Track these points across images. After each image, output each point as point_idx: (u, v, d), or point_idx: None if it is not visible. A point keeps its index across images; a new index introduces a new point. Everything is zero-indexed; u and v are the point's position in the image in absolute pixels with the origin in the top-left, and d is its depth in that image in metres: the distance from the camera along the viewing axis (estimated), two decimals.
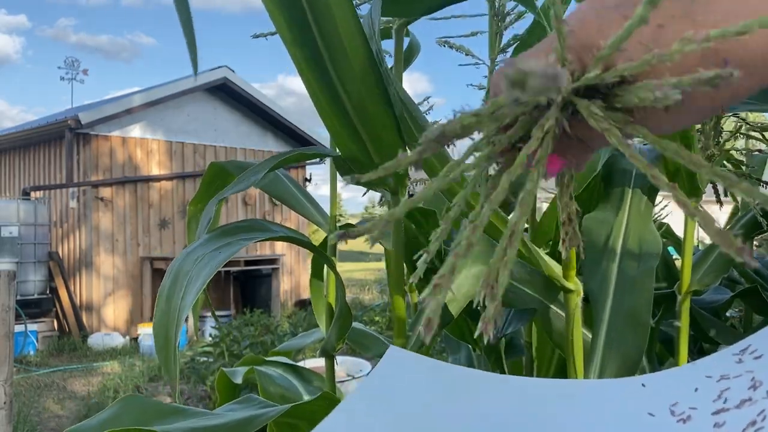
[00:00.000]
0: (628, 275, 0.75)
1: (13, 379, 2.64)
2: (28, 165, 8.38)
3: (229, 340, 4.87)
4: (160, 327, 0.59)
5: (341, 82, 0.60)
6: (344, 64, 0.59)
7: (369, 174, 0.28)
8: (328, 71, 0.60)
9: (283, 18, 0.58)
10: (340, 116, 0.62)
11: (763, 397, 0.31)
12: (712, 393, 0.34)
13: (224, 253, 0.62)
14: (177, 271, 0.61)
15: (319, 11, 0.57)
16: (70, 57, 14.32)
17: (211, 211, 0.66)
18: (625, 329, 0.70)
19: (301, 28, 0.58)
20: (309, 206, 0.91)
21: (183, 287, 0.58)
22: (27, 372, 5.75)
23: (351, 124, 0.62)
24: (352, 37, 0.58)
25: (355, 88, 0.60)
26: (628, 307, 0.72)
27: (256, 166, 0.68)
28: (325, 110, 0.63)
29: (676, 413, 0.33)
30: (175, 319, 0.57)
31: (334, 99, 0.61)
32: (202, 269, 0.59)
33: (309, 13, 0.57)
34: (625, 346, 0.69)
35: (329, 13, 0.57)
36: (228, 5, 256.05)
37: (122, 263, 7.60)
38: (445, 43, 0.84)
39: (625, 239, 0.79)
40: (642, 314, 0.71)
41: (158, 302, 0.61)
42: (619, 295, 0.73)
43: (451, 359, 1.40)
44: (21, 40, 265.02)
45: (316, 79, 0.60)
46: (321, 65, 0.60)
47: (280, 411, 0.68)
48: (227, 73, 8.27)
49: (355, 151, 0.65)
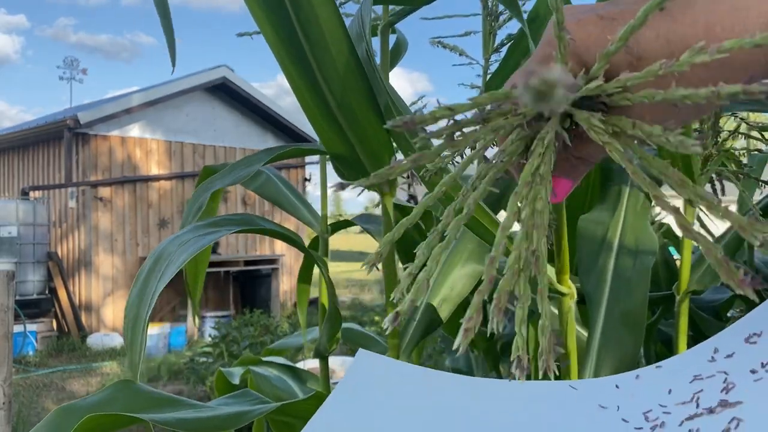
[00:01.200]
0: (624, 275, 0.74)
1: (12, 380, 2.63)
2: (27, 165, 8.38)
3: (228, 340, 4.87)
4: (131, 307, 0.58)
5: (325, 80, 0.60)
6: (328, 62, 0.59)
7: (361, 181, 0.27)
8: (312, 70, 0.59)
9: (265, 16, 0.57)
10: (325, 115, 0.62)
11: (736, 401, 0.31)
12: (685, 395, 0.33)
13: (207, 238, 0.62)
14: (159, 254, 0.61)
15: (301, 9, 0.57)
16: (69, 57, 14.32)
17: (200, 201, 0.65)
18: (621, 329, 0.70)
19: (285, 26, 0.58)
20: (301, 207, 0.91)
21: (162, 269, 0.58)
22: (26, 372, 5.74)
23: (336, 123, 0.62)
24: (336, 34, 0.57)
25: (339, 86, 0.60)
26: (623, 306, 0.71)
27: (251, 156, 0.67)
28: (311, 109, 0.62)
29: (650, 419, 0.33)
30: (148, 300, 0.57)
31: (319, 98, 0.61)
32: (183, 252, 0.58)
33: (291, 12, 0.57)
34: (621, 345, 0.69)
35: (312, 11, 0.57)
36: (228, 5, 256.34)
37: (121, 263, 7.59)
38: (439, 43, 0.83)
39: (622, 239, 0.78)
40: (637, 314, 0.70)
41: (135, 282, 0.60)
42: (615, 294, 0.73)
43: (450, 360, 1.39)
44: (20, 39, 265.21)
45: (301, 78, 0.60)
46: (305, 64, 0.59)
47: (272, 408, 0.68)
48: (226, 73, 8.27)
49: (341, 150, 0.64)
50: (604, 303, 0.72)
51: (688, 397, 0.33)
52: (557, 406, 0.37)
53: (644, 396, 0.35)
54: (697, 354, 0.37)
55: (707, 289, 1.19)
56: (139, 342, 0.56)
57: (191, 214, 0.68)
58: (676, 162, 0.79)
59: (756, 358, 0.33)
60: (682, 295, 0.83)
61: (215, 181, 0.67)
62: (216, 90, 8.45)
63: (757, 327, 0.35)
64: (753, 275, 0.22)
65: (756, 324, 0.36)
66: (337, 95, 0.61)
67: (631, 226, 0.79)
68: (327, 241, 0.88)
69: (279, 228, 0.75)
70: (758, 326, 0.36)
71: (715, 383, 0.33)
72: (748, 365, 0.33)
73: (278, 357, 1.32)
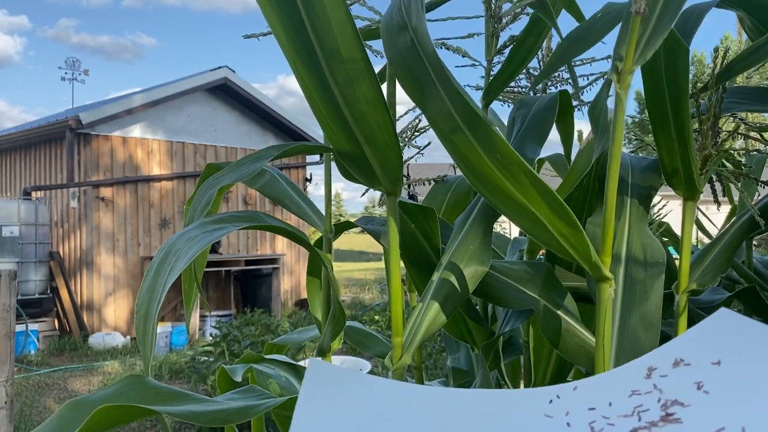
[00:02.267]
0: (636, 279, 0.75)
1: (14, 379, 2.65)
2: (28, 165, 8.39)
3: (229, 339, 4.88)
4: (142, 303, 0.59)
5: (334, 78, 0.60)
6: (337, 60, 0.59)
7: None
8: (321, 68, 0.60)
9: (277, 18, 0.58)
10: (333, 114, 0.62)
11: (675, 419, 0.33)
12: (626, 408, 0.35)
13: (216, 233, 0.62)
14: (168, 250, 0.62)
15: (313, 8, 0.57)
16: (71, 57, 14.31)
17: (206, 198, 0.66)
18: (638, 331, 0.71)
19: (296, 28, 0.59)
20: (304, 206, 0.91)
21: (171, 264, 0.59)
22: (28, 372, 5.75)
23: (345, 121, 0.63)
24: (346, 34, 0.58)
25: (348, 84, 0.60)
26: (639, 310, 0.72)
27: (255, 153, 0.68)
28: (320, 110, 0.63)
29: (596, 429, 0.34)
30: (158, 295, 0.58)
31: (327, 96, 0.61)
32: (192, 247, 0.59)
33: (303, 13, 0.58)
34: (638, 348, 0.69)
35: (323, 10, 0.57)
36: (229, 6, 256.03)
37: (123, 263, 7.60)
38: (442, 44, 0.84)
39: (629, 245, 0.79)
40: (653, 316, 0.72)
41: (145, 278, 0.61)
42: (629, 298, 0.74)
43: (450, 359, 1.40)
44: (22, 40, 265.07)
45: (309, 76, 0.60)
46: (314, 62, 0.60)
47: (277, 402, 0.69)
48: (228, 74, 8.28)
49: (349, 148, 0.65)
50: (619, 306, 0.73)
51: (629, 411, 0.34)
52: (505, 416, 0.38)
53: (586, 407, 0.36)
54: (632, 371, 0.38)
55: (706, 289, 1.20)
56: (150, 336, 0.57)
57: (198, 211, 0.68)
58: (677, 164, 0.80)
59: (690, 379, 0.35)
60: (681, 294, 0.84)
61: (221, 177, 0.67)
62: (217, 90, 8.46)
63: (685, 354, 0.37)
64: None
65: (684, 350, 0.38)
66: (346, 94, 0.61)
67: (636, 233, 0.80)
68: (331, 241, 0.89)
69: (285, 225, 0.75)
70: (685, 353, 0.37)
71: (653, 399, 0.35)
72: (683, 384, 0.35)
73: (280, 355, 1.33)
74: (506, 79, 0.90)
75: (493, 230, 0.82)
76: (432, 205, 0.99)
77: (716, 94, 0.83)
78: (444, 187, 1.08)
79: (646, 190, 0.85)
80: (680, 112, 0.76)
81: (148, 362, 0.57)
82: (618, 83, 0.60)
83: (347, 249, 25.99)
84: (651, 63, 0.74)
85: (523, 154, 0.78)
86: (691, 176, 0.80)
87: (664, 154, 0.80)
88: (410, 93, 0.64)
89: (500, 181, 0.59)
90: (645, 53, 0.60)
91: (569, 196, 0.85)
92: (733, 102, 0.89)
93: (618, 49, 0.61)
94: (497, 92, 0.93)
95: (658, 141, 0.79)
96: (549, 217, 0.60)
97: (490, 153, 0.57)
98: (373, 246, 2.32)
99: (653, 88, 0.76)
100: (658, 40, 0.59)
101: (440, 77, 0.58)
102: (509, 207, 0.62)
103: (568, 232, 0.60)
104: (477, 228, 0.77)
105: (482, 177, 0.61)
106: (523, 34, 0.89)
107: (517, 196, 0.59)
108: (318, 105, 0.63)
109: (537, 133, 0.83)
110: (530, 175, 0.57)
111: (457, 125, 0.58)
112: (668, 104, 0.76)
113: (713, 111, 0.83)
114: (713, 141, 0.87)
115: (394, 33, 0.63)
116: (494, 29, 0.89)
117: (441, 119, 0.60)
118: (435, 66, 0.59)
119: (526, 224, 0.62)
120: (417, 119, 0.90)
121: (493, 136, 0.57)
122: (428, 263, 0.83)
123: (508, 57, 0.89)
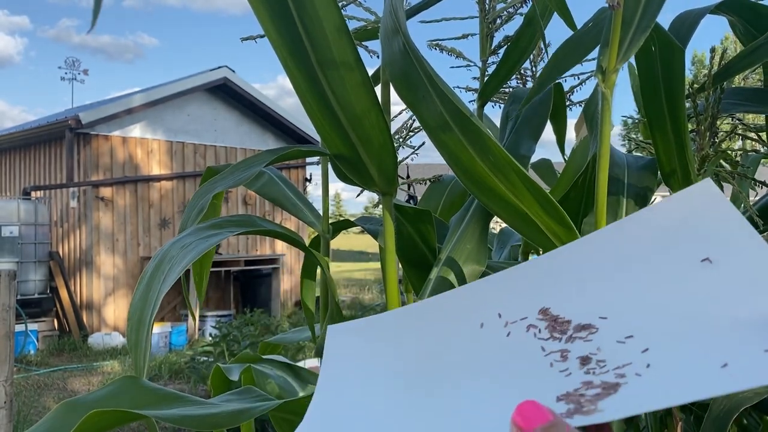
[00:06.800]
0: None
1: (13, 379, 2.64)
2: (28, 165, 8.39)
3: (229, 339, 4.87)
4: (135, 310, 0.59)
5: (327, 81, 0.60)
6: (330, 63, 0.59)
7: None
8: (315, 70, 0.60)
9: (268, 16, 0.58)
10: (327, 116, 0.62)
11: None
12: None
13: (210, 240, 0.62)
14: (162, 257, 0.61)
15: (304, 10, 0.57)
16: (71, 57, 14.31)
17: (200, 204, 0.65)
18: None
19: (287, 27, 0.58)
20: (302, 207, 0.91)
21: (165, 272, 0.58)
22: (27, 371, 5.75)
23: (339, 123, 0.62)
24: (338, 35, 0.58)
25: (341, 87, 0.60)
26: None
27: (251, 158, 0.68)
28: (313, 110, 0.63)
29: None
30: (152, 302, 0.57)
31: (321, 98, 0.61)
32: (186, 255, 0.59)
33: (294, 12, 0.57)
34: None
35: (315, 12, 0.57)
36: (229, 6, 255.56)
37: (123, 263, 7.60)
38: (437, 45, 0.84)
39: None
40: None
41: (138, 285, 0.61)
42: None
43: None
44: (23, 41, 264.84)
45: (303, 79, 0.60)
46: (307, 64, 0.60)
47: (273, 405, 0.68)
48: (228, 74, 8.28)
49: (344, 150, 0.65)
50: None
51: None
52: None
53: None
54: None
55: None
56: (143, 344, 0.56)
57: (192, 217, 0.68)
58: (675, 164, 0.80)
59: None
60: None
61: (216, 183, 0.67)
62: (217, 90, 8.46)
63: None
64: None
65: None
66: (340, 96, 0.61)
67: None
68: (328, 241, 0.89)
69: (280, 228, 0.75)
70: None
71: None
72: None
73: (277, 355, 1.32)
74: (501, 79, 0.90)
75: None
76: (429, 204, 0.99)
77: (714, 94, 0.82)
78: (440, 186, 1.08)
79: (643, 190, 0.85)
80: (676, 111, 0.75)
81: (142, 371, 0.57)
82: (603, 83, 0.60)
83: (347, 249, 25.99)
84: (647, 63, 0.74)
85: (517, 152, 0.78)
86: (688, 176, 0.79)
87: (661, 154, 0.79)
88: (403, 96, 0.64)
89: (493, 183, 0.59)
90: (629, 52, 0.60)
91: (566, 195, 0.85)
92: (731, 103, 0.88)
93: (602, 49, 0.61)
94: (492, 92, 0.92)
95: (655, 141, 0.79)
96: (541, 218, 0.60)
97: (482, 154, 0.57)
98: (373, 246, 2.34)
99: (649, 87, 0.76)
100: (641, 38, 0.59)
101: (431, 81, 0.58)
102: (502, 208, 0.62)
103: (561, 232, 0.60)
104: (474, 227, 0.77)
105: (475, 178, 0.60)
106: (517, 34, 0.88)
107: (510, 197, 0.59)
108: (312, 107, 0.63)
109: (531, 129, 0.83)
110: (522, 176, 0.57)
111: (449, 127, 0.58)
112: (664, 104, 0.76)
113: (711, 111, 0.82)
114: (711, 141, 0.87)
115: (389, 37, 0.63)
116: (488, 30, 0.89)
117: (433, 121, 0.60)
118: (424, 69, 0.59)
119: (519, 225, 0.62)
120: (411, 119, 0.90)
121: (484, 137, 0.56)
122: (425, 263, 0.82)
123: (502, 57, 0.88)
